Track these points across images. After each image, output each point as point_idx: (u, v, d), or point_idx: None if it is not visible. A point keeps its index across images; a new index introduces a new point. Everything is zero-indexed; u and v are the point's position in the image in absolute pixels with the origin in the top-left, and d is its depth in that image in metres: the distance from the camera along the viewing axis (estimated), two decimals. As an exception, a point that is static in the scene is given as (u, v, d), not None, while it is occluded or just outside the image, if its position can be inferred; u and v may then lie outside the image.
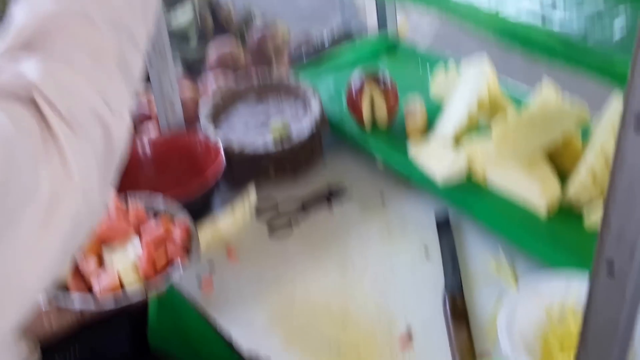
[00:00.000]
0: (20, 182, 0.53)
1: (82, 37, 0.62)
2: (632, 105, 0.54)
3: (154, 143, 1.26)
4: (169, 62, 1.21)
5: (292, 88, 1.33)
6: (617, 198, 0.59)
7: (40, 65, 0.58)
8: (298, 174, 1.26)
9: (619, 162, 0.57)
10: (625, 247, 0.59)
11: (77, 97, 0.60)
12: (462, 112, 1.21)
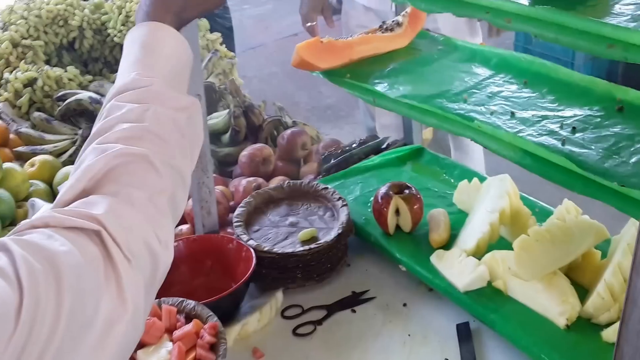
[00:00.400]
0: (85, 309, 0.59)
1: (142, 178, 0.72)
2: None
3: (188, 243, 1.32)
4: (208, 170, 1.29)
5: (320, 194, 1.40)
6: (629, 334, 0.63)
7: (105, 204, 0.67)
8: (324, 277, 1.30)
9: (629, 303, 0.61)
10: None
11: (135, 232, 0.67)
12: (484, 223, 1.26)
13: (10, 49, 2.25)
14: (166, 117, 0.79)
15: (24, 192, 1.74)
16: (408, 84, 1.22)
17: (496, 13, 0.98)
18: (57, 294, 0.57)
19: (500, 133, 1.02)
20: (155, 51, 0.84)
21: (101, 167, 0.70)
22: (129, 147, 0.72)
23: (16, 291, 0.56)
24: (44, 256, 0.59)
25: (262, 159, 1.81)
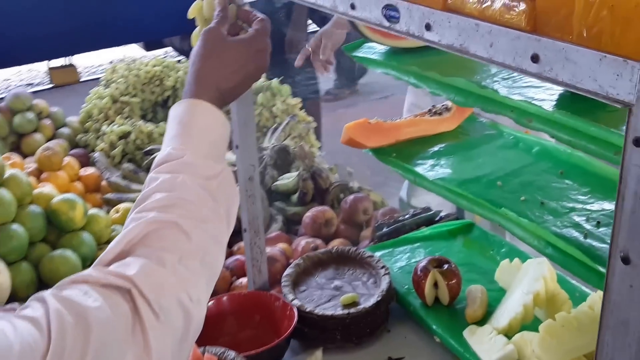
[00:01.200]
0: (112, 358, 0.70)
1: (173, 242, 0.83)
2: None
3: (239, 298, 1.44)
4: (260, 232, 1.42)
5: (366, 261, 1.50)
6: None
7: (138, 265, 0.78)
8: (362, 340, 1.39)
9: None
10: None
11: (165, 290, 0.78)
12: (518, 304, 1.31)
13: (110, 104, 2.49)
14: (196, 184, 0.88)
15: (106, 236, 1.93)
16: (448, 166, 1.31)
17: (520, 112, 1.06)
18: (84, 345, 0.67)
19: (524, 222, 1.09)
20: (190, 126, 0.95)
21: (137, 233, 0.82)
22: (161, 214, 0.84)
23: (45, 340, 0.66)
24: (76, 311, 0.69)
25: (324, 221, 1.92)
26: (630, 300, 0.62)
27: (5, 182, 1.75)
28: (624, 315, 0.64)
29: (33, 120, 2.43)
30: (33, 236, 1.78)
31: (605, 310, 0.65)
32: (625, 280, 0.62)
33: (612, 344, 0.66)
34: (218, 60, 1.02)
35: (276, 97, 2.56)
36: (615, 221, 0.62)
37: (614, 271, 0.63)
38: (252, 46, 1.06)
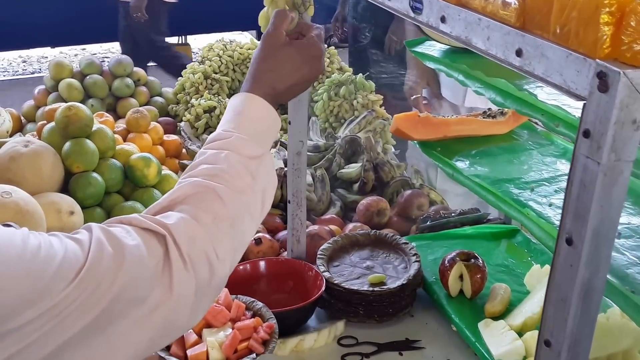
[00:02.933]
0: (137, 290, 0.80)
1: (210, 204, 0.93)
2: (543, 332, 0.72)
3: (277, 263, 1.55)
4: (302, 205, 1.52)
5: (400, 247, 1.57)
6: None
7: (176, 217, 0.89)
8: (384, 319, 1.46)
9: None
10: None
11: (196, 242, 0.88)
12: (537, 306, 1.35)
13: (201, 79, 2.66)
14: (237, 161, 0.98)
15: (175, 197, 2.08)
16: (487, 166, 1.36)
17: (549, 116, 1.11)
18: (116, 272, 0.78)
19: (542, 222, 1.14)
20: (242, 114, 1.05)
21: (181, 194, 0.93)
22: (204, 181, 0.95)
23: (83, 258, 0.77)
24: (116, 244, 0.81)
25: (377, 210, 2.00)
26: (570, 279, 0.68)
27: (92, 134, 1.94)
28: (564, 293, 0.69)
29: (130, 86, 2.64)
30: (110, 187, 1.95)
31: (549, 288, 0.71)
32: (567, 260, 0.68)
33: (553, 318, 0.71)
34: (275, 61, 1.11)
35: (359, 92, 2.65)
36: (564, 206, 0.68)
37: (560, 252, 0.69)
38: (308, 51, 1.13)
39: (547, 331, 0.73)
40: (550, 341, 0.73)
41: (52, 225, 1.71)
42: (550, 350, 0.73)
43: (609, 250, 0.67)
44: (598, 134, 0.62)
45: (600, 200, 0.64)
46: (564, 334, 0.71)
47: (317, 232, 1.79)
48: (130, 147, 2.08)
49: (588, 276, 0.67)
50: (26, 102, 2.64)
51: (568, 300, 0.69)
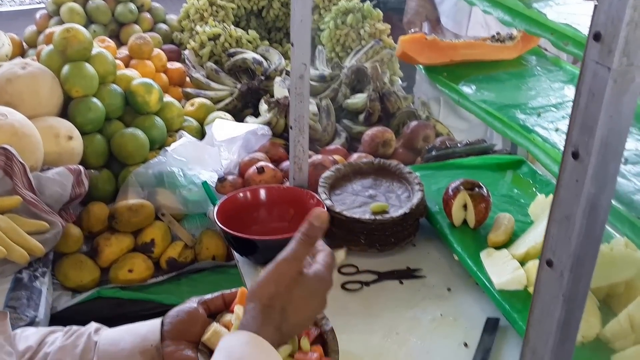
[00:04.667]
0: None
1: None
2: (546, 252, 0.69)
3: (278, 191, 1.52)
4: (305, 131, 1.48)
5: (404, 176, 1.54)
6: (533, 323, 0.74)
7: None
8: (385, 248, 1.44)
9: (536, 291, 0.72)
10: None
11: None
12: (540, 235, 1.32)
13: (206, 5, 2.59)
14: None
15: (177, 124, 2.05)
16: (493, 91, 1.32)
17: (558, 35, 1.06)
18: None
19: (548, 147, 1.10)
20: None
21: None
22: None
23: None
24: None
25: (382, 141, 1.96)
26: (575, 195, 0.65)
27: (91, 58, 1.89)
28: (569, 210, 0.66)
29: (134, 12, 2.58)
30: (110, 112, 1.92)
31: (553, 206, 0.68)
32: (573, 175, 0.64)
33: (556, 237, 0.68)
34: (288, 297, 0.91)
35: (366, 20, 2.58)
36: (571, 118, 0.64)
37: (565, 167, 0.65)
38: (321, 284, 0.95)
39: (549, 251, 0.70)
40: (553, 261, 0.70)
41: (50, 150, 1.69)
42: (552, 270, 0.71)
43: (617, 165, 0.63)
44: (609, 36, 0.57)
45: (610, 109, 0.60)
46: (567, 253, 0.68)
47: (321, 161, 1.76)
48: (131, 72, 2.04)
49: (594, 192, 0.64)
50: (28, 27, 2.58)
51: (572, 217, 0.66)
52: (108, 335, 1.00)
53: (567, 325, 0.73)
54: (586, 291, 0.72)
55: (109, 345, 0.98)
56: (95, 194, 1.85)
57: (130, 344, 0.98)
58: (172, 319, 1.01)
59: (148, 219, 1.76)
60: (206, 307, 1.05)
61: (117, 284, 1.71)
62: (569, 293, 0.70)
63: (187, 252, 1.77)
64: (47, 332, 1.01)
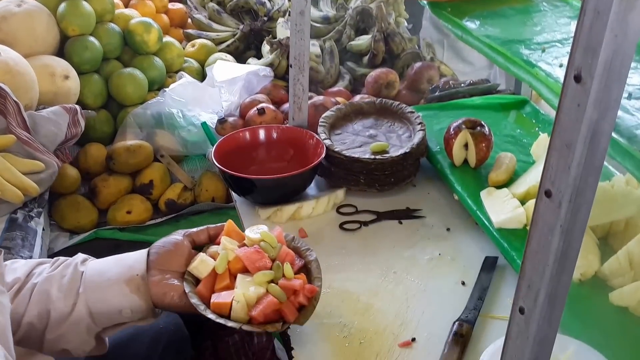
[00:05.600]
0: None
1: None
2: (544, 182, 0.67)
3: (277, 131, 1.50)
4: (305, 70, 1.45)
5: (406, 116, 1.51)
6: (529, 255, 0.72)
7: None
8: (385, 188, 1.43)
9: (534, 222, 0.70)
10: (531, 294, 0.73)
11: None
12: (540, 174, 1.30)
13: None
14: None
15: (177, 65, 2.02)
16: (498, 26, 1.28)
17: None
18: None
19: (551, 82, 1.07)
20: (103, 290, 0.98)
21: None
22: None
23: None
24: None
25: (386, 83, 1.93)
26: (576, 120, 0.62)
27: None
28: (569, 137, 0.64)
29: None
30: (108, 52, 1.89)
31: (554, 132, 0.65)
32: (574, 99, 0.62)
33: (556, 165, 0.66)
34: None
35: (370, -40, 2.51)
36: (574, 39, 0.61)
37: (567, 91, 0.63)
38: None
39: (548, 180, 0.68)
40: (551, 191, 0.68)
41: (46, 89, 1.67)
42: (550, 201, 0.69)
43: (620, 89, 0.61)
44: (617, -51, 0.54)
45: (615, 28, 0.57)
46: (566, 182, 0.66)
47: (323, 102, 1.73)
48: (130, 11, 2.00)
49: (596, 117, 0.61)
50: (23, -33, 2.52)
51: (573, 145, 0.63)
52: (95, 266, 1.01)
53: (565, 257, 0.71)
54: (585, 222, 0.70)
55: (96, 276, 0.99)
56: (93, 135, 1.83)
57: (116, 274, 0.99)
58: (157, 249, 1.03)
59: (146, 160, 1.75)
60: (191, 240, 1.07)
61: (115, 225, 1.70)
62: (567, 224, 0.69)
63: (187, 194, 1.76)
64: (35, 264, 1.02)
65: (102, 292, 0.98)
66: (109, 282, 0.98)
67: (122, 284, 0.98)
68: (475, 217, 1.31)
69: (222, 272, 1.02)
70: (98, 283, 0.98)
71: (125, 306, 0.98)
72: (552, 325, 0.76)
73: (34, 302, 0.96)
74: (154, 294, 1.00)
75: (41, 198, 1.51)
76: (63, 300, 0.97)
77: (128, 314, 0.99)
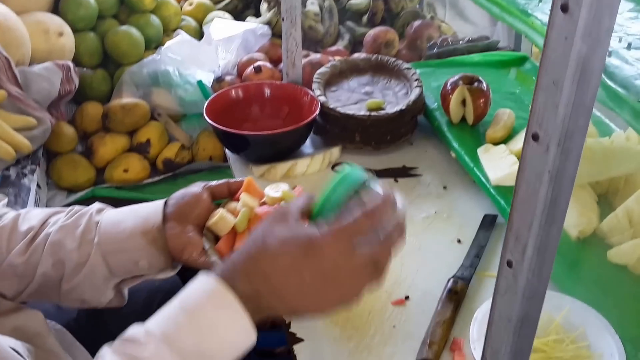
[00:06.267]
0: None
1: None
2: (532, 125, 0.64)
3: (271, 87, 1.48)
4: (297, 23, 1.41)
5: (403, 73, 1.47)
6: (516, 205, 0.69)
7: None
8: (381, 146, 1.40)
9: (521, 170, 0.68)
10: (520, 246, 0.71)
11: None
12: (541, 131, 1.27)
13: None
14: None
15: (174, 24, 1.98)
16: (498, -22, 1.24)
17: None
18: None
19: (545, 30, 1.04)
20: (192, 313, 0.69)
21: None
22: None
23: None
24: None
25: (385, 42, 1.89)
26: (564, 55, 0.59)
27: (81, -48, 1.81)
28: (557, 74, 0.61)
29: None
30: (103, 10, 1.85)
31: (540, 70, 0.62)
32: (562, 32, 0.59)
33: (543, 105, 0.63)
34: (275, 261, 0.69)
35: None
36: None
37: (553, 22, 0.59)
38: (341, 262, 0.69)
39: (535, 123, 0.65)
40: (539, 134, 0.65)
41: (39, 47, 1.64)
42: (538, 144, 0.65)
43: (612, 20, 0.57)
44: None
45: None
46: (554, 124, 0.63)
47: (319, 60, 1.70)
48: (124, -33, 1.96)
49: (585, 51, 0.58)
50: None
51: (560, 82, 0.60)
52: (110, 216, 0.95)
53: (554, 206, 0.68)
54: (575, 168, 0.67)
55: (111, 227, 0.94)
56: (90, 93, 1.81)
57: (131, 225, 0.93)
58: (176, 200, 0.97)
59: (143, 119, 1.73)
60: (210, 193, 1.00)
61: (112, 184, 1.69)
62: (555, 170, 0.65)
63: (184, 153, 1.74)
64: (51, 213, 0.97)
65: (117, 243, 0.93)
66: (124, 233, 0.93)
67: (138, 236, 0.92)
68: (472, 174, 1.28)
69: (242, 231, 0.96)
70: (113, 234, 0.93)
71: (142, 258, 0.93)
72: (541, 280, 0.73)
73: (48, 253, 0.93)
74: (172, 248, 0.93)
75: (35, 155, 1.49)
76: (77, 250, 0.93)
77: (145, 267, 0.94)
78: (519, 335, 0.75)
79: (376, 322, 1.05)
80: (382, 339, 1.02)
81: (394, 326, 1.04)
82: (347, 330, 1.04)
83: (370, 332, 1.03)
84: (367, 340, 1.02)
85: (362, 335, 1.03)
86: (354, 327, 1.04)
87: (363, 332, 1.03)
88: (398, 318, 1.05)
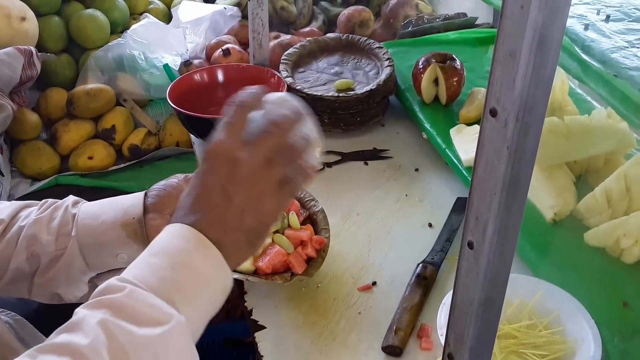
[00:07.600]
0: None
1: None
2: (489, 100, 0.60)
3: (237, 70, 1.42)
4: (263, 3, 1.36)
5: (374, 52, 1.43)
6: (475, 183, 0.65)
7: None
8: (351, 128, 1.35)
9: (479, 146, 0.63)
10: (480, 226, 0.66)
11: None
12: (515, 109, 1.23)
13: None
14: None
15: (141, 7, 1.92)
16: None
17: None
18: None
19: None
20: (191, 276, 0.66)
21: None
22: None
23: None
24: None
25: (359, 21, 1.84)
26: (520, 24, 0.55)
27: None
28: (513, 44, 0.56)
29: None
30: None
31: (497, 42, 0.58)
32: (518, 1, 0.54)
33: (500, 79, 0.59)
34: (223, 172, 0.70)
35: None
36: None
37: (509, -9, 0.55)
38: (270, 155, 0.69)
39: (492, 98, 0.60)
40: (496, 109, 0.61)
41: (3, 33, 1.59)
42: (495, 120, 0.61)
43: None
44: None
45: None
46: (512, 97, 0.59)
47: (290, 41, 1.65)
48: (89, -51, 1.89)
49: (542, 20, 0.54)
50: None
51: (517, 53, 0.56)
52: (88, 208, 0.92)
53: (514, 183, 0.64)
54: (536, 143, 0.63)
55: (89, 219, 0.90)
56: (54, 79, 1.75)
57: (111, 217, 0.90)
58: (157, 191, 0.94)
59: (108, 105, 1.67)
60: None
61: (77, 172, 1.64)
62: (514, 146, 0.61)
63: (151, 139, 1.69)
64: (21, 206, 0.94)
65: (96, 236, 0.90)
66: (104, 225, 0.90)
67: (117, 228, 0.90)
68: (444, 156, 1.24)
69: None
70: (92, 227, 0.90)
71: (121, 251, 0.90)
72: (504, 261, 0.69)
73: (22, 247, 0.89)
74: (152, 239, 0.87)
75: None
76: (54, 243, 0.89)
77: (124, 260, 0.91)
78: (482, 319, 0.71)
79: (341, 308, 1.01)
80: (347, 325, 0.98)
81: (360, 312, 1.00)
82: (310, 316, 1.00)
83: (335, 318, 0.99)
84: (331, 327, 0.98)
85: (326, 322, 0.99)
86: (318, 313, 1.00)
87: (327, 318, 0.99)
88: (365, 304, 1.02)
